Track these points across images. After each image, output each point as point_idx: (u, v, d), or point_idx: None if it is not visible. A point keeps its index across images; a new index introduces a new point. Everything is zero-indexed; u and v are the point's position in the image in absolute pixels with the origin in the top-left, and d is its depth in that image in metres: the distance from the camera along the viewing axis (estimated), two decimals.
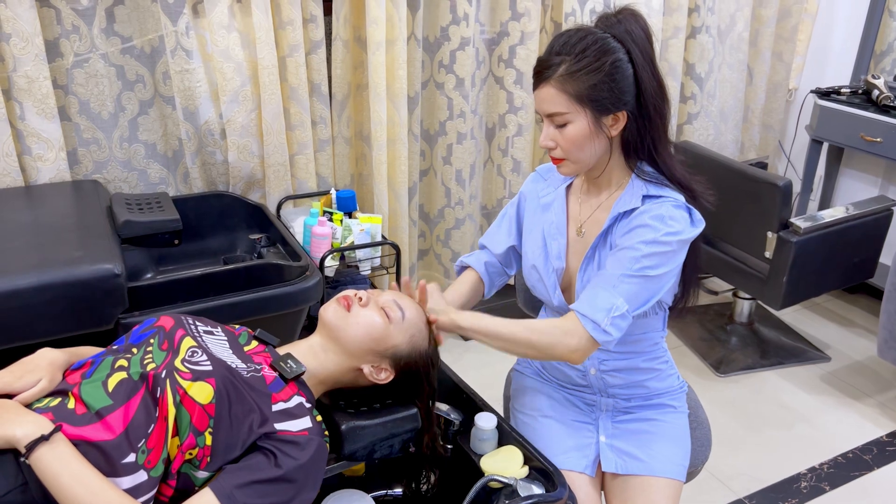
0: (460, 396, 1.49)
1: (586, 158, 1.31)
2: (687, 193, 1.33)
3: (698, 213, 1.32)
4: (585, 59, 1.23)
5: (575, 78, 1.23)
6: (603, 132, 1.28)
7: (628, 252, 1.28)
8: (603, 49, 1.23)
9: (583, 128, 1.27)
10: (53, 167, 2.08)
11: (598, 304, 1.27)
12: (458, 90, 2.59)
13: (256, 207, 2.30)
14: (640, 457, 1.44)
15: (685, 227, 1.30)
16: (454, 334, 1.42)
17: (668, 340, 2.94)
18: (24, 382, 1.10)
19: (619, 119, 1.28)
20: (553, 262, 1.44)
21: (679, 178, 1.33)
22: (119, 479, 1.01)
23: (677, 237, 1.28)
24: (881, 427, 2.49)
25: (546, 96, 1.27)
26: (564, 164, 1.33)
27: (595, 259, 1.38)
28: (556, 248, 1.44)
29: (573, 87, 1.24)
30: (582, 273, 1.39)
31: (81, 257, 1.60)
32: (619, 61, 1.24)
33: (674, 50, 2.92)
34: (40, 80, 1.99)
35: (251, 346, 1.28)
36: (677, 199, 1.31)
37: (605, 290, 1.27)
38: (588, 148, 1.29)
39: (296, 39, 2.26)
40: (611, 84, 1.24)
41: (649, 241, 1.27)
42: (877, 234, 2.62)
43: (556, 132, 1.29)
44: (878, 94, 2.86)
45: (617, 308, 1.26)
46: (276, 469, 1.07)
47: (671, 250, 1.28)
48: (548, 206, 1.47)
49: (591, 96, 1.24)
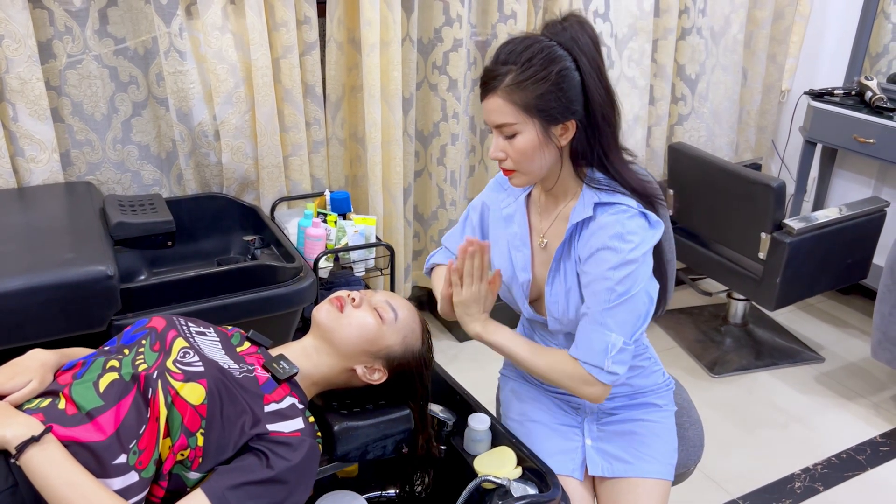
0: (454, 397, 1.49)
1: (536, 169, 1.29)
2: (641, 199, 1.31)
3: (654, 216, 1.30)
4: (532, 69, 1.20)
5: (522, 88, 1.21)
6: (552, 142, 1.26)
7: (601, 283, 1.27)
8: (549, 58, 1.21)
9: (532, 138, 1.24)
10: (46, 169, 2.07)
11: (595, 347, 1.27)
12: (451, 91, 2.59)
13: (250, 209, 2.29)
14: (626, 459, 1.44)
15: (644, 235, 1.28)
16: (450, 337, 1.42)
17: (662, 342, 2.97)
18: (14, 383, 1.09)
19: (568, 129, 1.26)
20: (519, 275, 1.43)
21: (632, 184, 1.31)
22: (110, 479, 1.01)
23: (641, 250, 1.27)
24: (875, 427, 2.50)
25: (493, 107, 1.24)
26: (515, 175, 1.31)
27: (561, 270, 1.36)
28: (521, 261, 1.43)
29: (520, 98, 1.21)
30: (549, 286, 1.38)
31: (74, 259, 1.60)
32: (565, 69, 1.21)
33: (664, 51, 2.93)
34: (33, 82, 1.98)
35: (244, 346, 1.28)
36: (630, 206, 1.28)
37: (595, 331, 1.27)
38: (538, 158, 1.27)
39: (290, 41, 2.26)
40: (558, 93, 1.21)
41: (616, 266, 1.26)
42: (870, 235, 2.63)
43: (505, 143, 1.27)
44: (871, 95, 2.87)
45: (613, 346, 1.26)
46: (268, 470, 1.07)
47: (639, 265, 1.27)
48: (510, 217, 1.46)
49: (538, 106, 1.22)
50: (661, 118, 3.03)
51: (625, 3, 2.75)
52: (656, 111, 3.01)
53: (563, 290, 1.35)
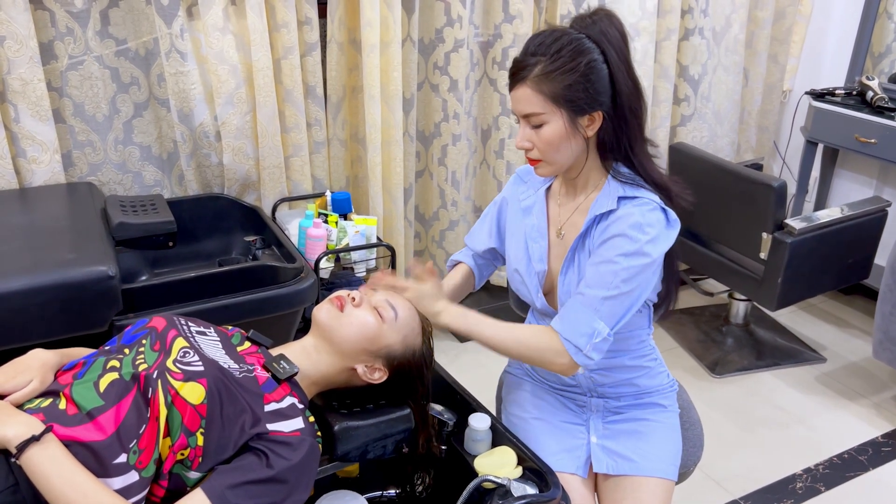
0: (454, 397, 1.49)
1: (562, 159, 1.31)
2: (663, 194, 1.32)
3: (673, 214, 1.32)
4: (561, 60, 1.23)
5: (550, 78, 1.24)
6: (579, 133, 1.28)
7: (608, 266, 1.28)
8: (578, 49, 1.24)
9: (559, 128, 1.27)
10: (48, 169, 2.08)
11: (581, 329, 1.28)
12: (452, 92, 2.59)
13: (251, 210, 2.30)
14: (631, 457, 1.44)
15: (661, 231, 1.29)
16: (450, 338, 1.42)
17: (663, 342, 2.97)
18: (15, 383, 1.10)
19: (594, 119, 1.28)
20: (535, 266, 1.44)
21: (655, 179, 1.33)
22: (110, 479, 1.01)
23: (656, 246, 1.28)
24: (876, 428, 2.49)
25: (522, 97, 1.27)
26: (541, 165, 1.33)
27: (575, 262, 1.38)
28: (537, 252, 1.44)
29: (549, 88, 1.24)
30: (563, 277, 1.39)
31: (75, 259, 1.60)
32: (594, 62, 1.24)
33: (667, 52, 2.93)
34: (35, 83, 1.99)
35: (244, 346, 1.28)
36: (652, 200, 1.30)
37: (586, 313, 1.28)
38: (564, 148, 1.29)
39: (290, 42, 2.26)
40: (586, 84, 1.24)
41: (629, 254, 1.27)
42: (872, 235, 2.63)
43: (532, 133, 1.29)
44: (872, 95, 2.87)
45: (598, 333, 1.28)
46: (268, 469, 1.07)
47: (650, 261, 1.28)
48: (528, 209, 1.48)
49: (566, 96, 1.24)
50: (663, 119, 3.02)
51: (627, 3, 2.74)
52: (659, 112, 3.00)
53: (575, 281, 1.37)
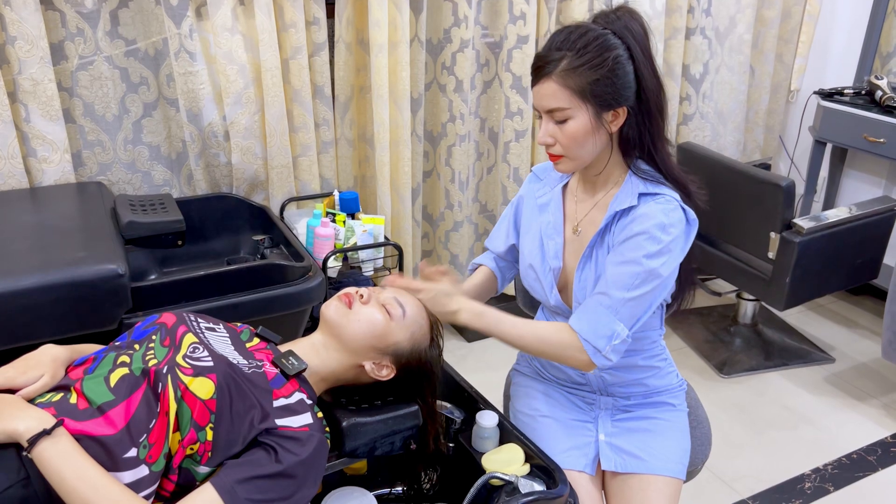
0: (462, 395, 1.49)
1: (585, 155, 1.31)
2: (682, 191, 1.33)
3: (692, 213, 1.32)
4: (587, 55, 1.23)
5: (577, 73, 1.23)
6: (603, 128, 1.28)
7: (631, 267, 1.28)
8: (604, 45, 1.24)
9: (584, 123, 1.26)
10: (58, 169, 2.09)
11: (600, 330, 1.29)
12: (457, 92, 2.59)
13: (260, 209, 2.31)
14: (639, 455, 1.44)
15: (682, 230, 1.30)
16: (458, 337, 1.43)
17: (671, 342, 2.96)
18: (26, 378, 1.11)
19: (619, 115, 1.28)
20: (550, 262, 1.44)
21: (676, 176, 1.34)
22: (120, 473, 1.02)
23: (678, 245, 1.29)
24: (885, 428, 2.48)
25: (547, 91, 1.26)
26: (563, 160, 1.33)
27: (593, 258, 1.38)
28: (552, 248, 1.44)
29: (575, 82, 1.24)
30: (579, 273, 1.39)
31: (85, 258, 1.61)
32: (620, 57, 1.24)
33: (674, 51, 2.93)
34: (45, 83, 2.00)
35: (253, 342, 1.29)
36: (673, 198, 1.30)
37: (607, 314, 1.29)
38: (588, 144, 1.29)
39: (299, 42, 2.27)
40: (612, 79, 1.24)
41: (652, 255, 1.27)
42: (880, 235, 2.62)
43: (555, 128, 1.29)
44: (881, 94, 2.86)
45: (617, 335, 1.28)
46: (277, 464, 1.08)
47: (673, 262, 1.29)
48: (545, 206, 1.48)
49: (593, 91, 1.24)
50: (671, 118, 3.02)
51: (638, 3, 2.74)
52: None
53: (592, 278, 1.36)
